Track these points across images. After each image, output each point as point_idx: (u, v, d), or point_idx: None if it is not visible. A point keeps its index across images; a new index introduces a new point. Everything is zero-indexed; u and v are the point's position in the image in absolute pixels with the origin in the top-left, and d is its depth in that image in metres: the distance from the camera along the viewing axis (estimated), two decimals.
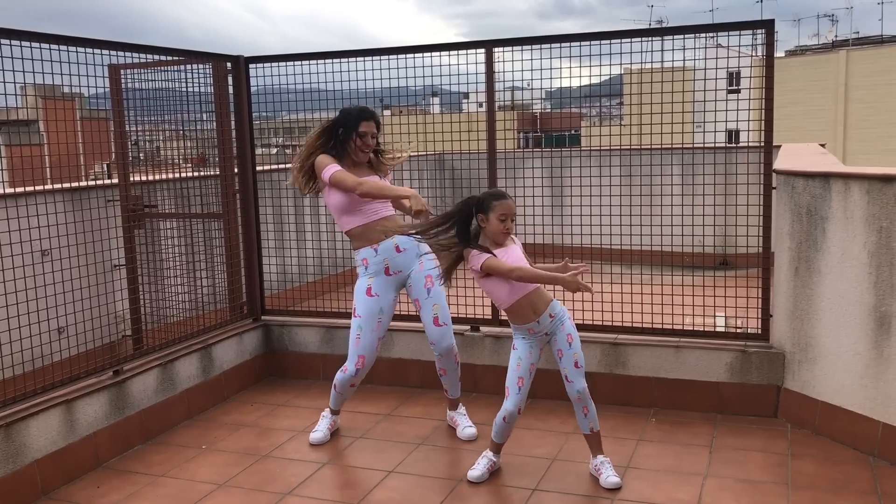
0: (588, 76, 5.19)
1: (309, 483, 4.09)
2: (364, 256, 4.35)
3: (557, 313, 3.87)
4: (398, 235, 4.28)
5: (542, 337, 3.88)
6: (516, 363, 3.89)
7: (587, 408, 3.91)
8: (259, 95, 5.93)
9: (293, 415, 5.09)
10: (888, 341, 4.05)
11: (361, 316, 4.36)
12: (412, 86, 5.59)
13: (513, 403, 3.88)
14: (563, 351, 3.86)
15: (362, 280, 4.39)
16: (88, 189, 5.46)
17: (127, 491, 4.07)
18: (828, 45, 38.94)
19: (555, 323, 3.86)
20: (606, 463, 3.96)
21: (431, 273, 4.35)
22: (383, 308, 4.37)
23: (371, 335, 4.36)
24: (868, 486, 3.85)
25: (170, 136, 6.57)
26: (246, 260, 5.88)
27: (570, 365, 3.86)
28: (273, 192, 6.54)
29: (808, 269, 4.45)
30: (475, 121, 5.53)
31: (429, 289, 4.38)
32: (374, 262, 4.34)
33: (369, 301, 4.34)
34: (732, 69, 5.29)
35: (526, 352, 3.87)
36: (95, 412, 4.40)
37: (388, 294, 4.38)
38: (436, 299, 4.40)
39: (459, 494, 3.91)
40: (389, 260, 4.34)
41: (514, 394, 3.89)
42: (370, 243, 4.33)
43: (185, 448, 4.60)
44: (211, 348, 5.32)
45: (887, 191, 3.97)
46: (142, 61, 5.53)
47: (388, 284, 4.38)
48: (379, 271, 4.35)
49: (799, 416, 4.60)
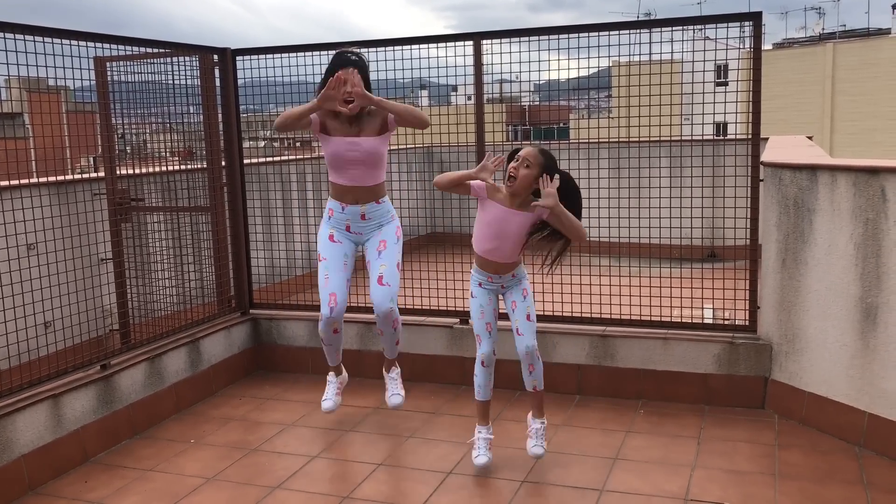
0: (577, 69, 5.19)
1: (298, 476, 4.09)
2: (331, 207, 4.37)
3: (519, 274, 3.96)
4: (367, 205, 4.29)
5: (499, 289, 3.98)
6: (479, 311, 3.96)
7: (533, 366, 3.96)
8: (246, 88, 5.90)
9: (282, 409, 5.08)
10: (874, 332, 4.07)
11: (327, 258, 4.33)
12: (400, 78, 5.56)
13: (487, 346, 3.97)
14: (517, 303, 3.93)
15: (324, 227, 4.39)
16: (75, 182, 5.42)
17: (115, 486, 4.05)
18: (815, 37, 39.08)
19: (513, 281, 3.96)
20: (541, 431, 4.02)
21: (387, 239, 4.34)
22: (347, 254, 4.36)
23: (339, 274, 4.31)
24: (854, 475, 3.88)
25: (156, 130, 6.53)
26: (234, 253, 5.86)
27: (522, 317, 3.92)
28: (261, 186, 6.51)
29: (795, 261, 4.47)
30: (463, 113, 5.51)
31: (380, 251, 4.33)
32: (337, 217, 4.34)
33: (333, 245, 4.34)
34: (720, 62, 5.30)
35: (485, 299, 3.96)
36: (83, 406, 4.38)
37: (348, 245, 4.37)
38: (384, 260, 4.32)
39: (449, 486, 3.92)
40: (352, 222, 4.33)
41: (485, 339, 3.97)
42: (340, 201, 4.32)
43: (174, 442, 4.59)
44: (199, 342, 5.30)
45: (873, 183, 3.99)
46: (128, 53, 5.48)
47: (348, 238, 4.37)
48: (340, 224, 4.35)
49: (786, 406, 4.62)
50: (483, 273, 3.95)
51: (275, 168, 7.24)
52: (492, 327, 3.98)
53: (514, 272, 3.94)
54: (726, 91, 5.04)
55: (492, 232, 3.84)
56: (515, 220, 3.78)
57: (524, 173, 3.71)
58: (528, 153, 3.73)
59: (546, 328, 5.02)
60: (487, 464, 4.00)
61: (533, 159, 3.70)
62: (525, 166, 3.71)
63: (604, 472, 4.00)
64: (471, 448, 4.13)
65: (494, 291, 3.98)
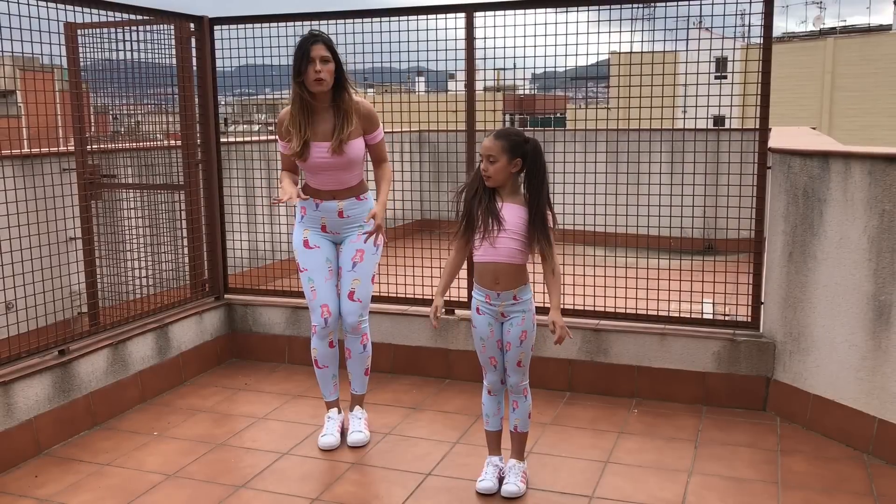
0: (574, 55, 4.84)
1: (265, 475, 3.80)
2: (304, 205, 4.01)
3: (522, 298, 3.50)
4: (346, 201, 3.95)
5: (498, 315, 3.51)
6: (481, 345, 3.56)
7: (517, 403, 3.59)
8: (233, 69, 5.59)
9: (254, 400, 4.79)
10: (887, 332, 3.80)
11: (309, 268, 4.00)
12: (396, 60, 5.24)
13: (494, 375, 3.59)
14: (512, 346, 3.51)
15: (298, 230, 4.05)
16: (42, 156, 5.10)
17: (67, 481, 3.75)
18: (815, 32, 38.81)
19: (515, 308, 3.49)
20: (516, 469, 3.61)
21: (365, 248, 4.01)
22: (329, 258, 4.01)
23: (326, 284, 3.99)
24: (863, 486, 3.61)
25: (131, 104, 6.22)
26: (208, 235, 5.54)
27: (513, 363, 3.53)
28: (245, 164, 6.20)
29: (803, 255, 4.19)
30: (456, 101, 5.23)
31: (355, 262, 4.00)
32: (311, 216, 4.00)
33: (311, 252, 4.00)
34: (727, 50, 5.02)
35: (485, 330, 3.52)
36: (37, 395, 4.08)
37: (327, 247, 4.02)
38: (358, 274, 4.01)
39: (427, 489, 3.63)
40: (328, 220, 3.99)
41: (490, 371, 3.59)
42: (315, 198, 3.97)
43: (136, 434, 4.29)
44: (168, 328, 5.00)
45: (891, 171, 3.71)
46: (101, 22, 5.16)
47: (325, 239, 4.02)
48: (315, 224, 4.01)
49: (789, 409, 4.35)
50: (481, 290, 3.50)
51: (260, 147, 6.91)
52: (496, 361, 3.57)
53: (516, 293, 3.48)
54: (725, 83, 4.78)
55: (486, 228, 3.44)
56: (511, 212, 3.42)
57: (495, 168, 3.37)
58: (487, 147, 3.38)
59: (536, 321, 4.72)
60: (488, 490, 3.56)
61: (495, 151, 3.36)
62: (490, 161, 3.37)
63: (594, 477, 3.72)
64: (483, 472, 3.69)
65: (493, 318, 3.52)
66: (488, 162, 3.38)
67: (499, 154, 3.37)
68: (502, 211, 3.40)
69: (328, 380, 4.19)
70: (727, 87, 4.76)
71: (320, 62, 3.74)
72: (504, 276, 3.43)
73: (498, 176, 3.39)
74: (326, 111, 3.88)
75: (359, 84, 5.68)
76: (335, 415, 4.23)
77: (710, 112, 4.77)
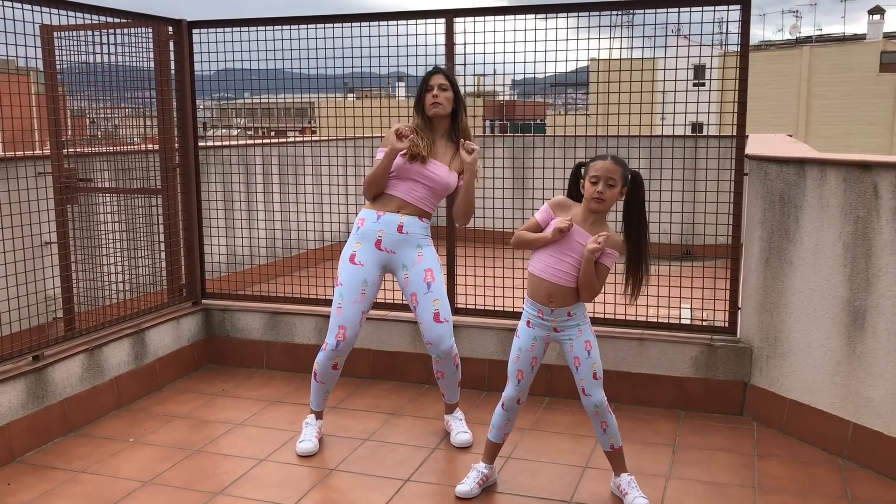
0: (553, 61, 4.86)
1: (243, 481, 3.77)
2: (363, 216, 3.98)
3: (577, 314, 3.47)
4: (409, 217, 3.93)
5: (551, 332, 3.48)
6: (516, 354, 3.53)
7: (606, 423, 3.51)
8: (212, 73, 5.55)
9: (231, 406, 4.75)
10: (861, 337, 3.84)
11: (343, 284, 3.94)
12: (375, 66, 5.23)
13: (513, 390, 3.55)
14: (581, 360, 3.45)
15: (350, 241, 4.00)
16: (17, 160, 5.04)
17: (41, 488, 3.70)
18: (791, 41, 39.27)
19: (570, 323, 3.46)
20: (633, 483, 3.55)
21: (433, 267, 3.98)
22: (367, 281, 3.95)
23: (353, 307, 3.93)
24: (838, 490, 3.64)
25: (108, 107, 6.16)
26: (186, 239, 5.50)
27: (588, 376, 3.46)
28: (223, 169, 6.17)
29: (780, 261, 4.23)
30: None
31: (429, 283, 3.96)
32: (369, 227, 3.94)
33: (353, 269, 3.94)
34: (705, 57, 5.05)
35: (528, 342, 3.49)
36: (10, 401, 4.02)
37: (373, 268, 3.96)
38: (436, 294, 3.98)
39: (405, 495, 3.62)
40: (385, 234, 3.93)
41: (512, 384, 3.55)
42: (378, 210, 3.95)
43: (111, 441, 4.25)
44: (144, 333, 4.95)
45: (865, 179, 3.75)
46: (78, 24, 5.12)
47: (375, 258, 3.95)
48: (369, 239, 3.94)
49: (766, 414, 4.38)
50: (534, 305, 3.46)
51: (239, 151, 6.88)
52: (524, 375, 3.53)
53: (570, 310, 3.44)
54: (703, 91, 4.81)
55: (554, 245, 3.39)
56: (584, 237, 3.34)
57: (611, 193, 3.29)
58: (609, 170, 3.27)
59: (515, 325, 4.73)
60: (467, 495, 3.55)
61: (616, 176, 3.28)
62: (609, 185, 3.28)
63: (573, 482, 3.73)
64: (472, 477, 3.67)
65: (543, 335, 3.49)
66: (607, 185, 3.27)
67: (619, 180, 3.29)
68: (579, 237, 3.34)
69: (321, 393, 4.17)
70: (705, 95, 4.80)
71: (438, 89, 3.94)
72: (559, 296, 3.40)
73: (611, 202, 3.33)
74: (443, 139, 4.02)
75: (339, 89, 5.68)
76: (313, 420, 4.21)
77: (689, 119, 4.81)
